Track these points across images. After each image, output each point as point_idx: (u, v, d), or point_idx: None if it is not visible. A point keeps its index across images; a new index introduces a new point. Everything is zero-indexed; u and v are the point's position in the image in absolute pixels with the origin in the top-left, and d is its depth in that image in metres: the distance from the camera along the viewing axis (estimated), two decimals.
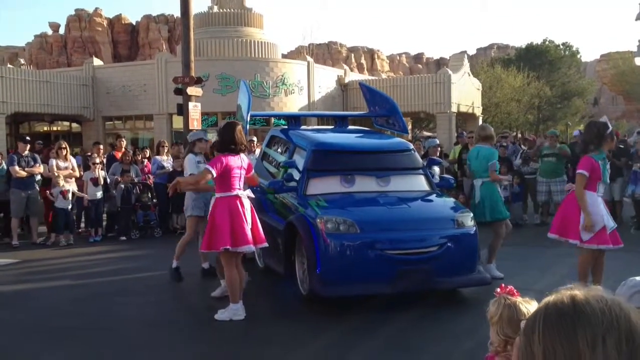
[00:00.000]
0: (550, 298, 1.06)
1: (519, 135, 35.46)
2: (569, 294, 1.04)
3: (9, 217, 10.99)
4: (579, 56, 50.10)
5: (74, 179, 11.20)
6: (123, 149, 12.49)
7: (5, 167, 10.93)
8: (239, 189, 5.98)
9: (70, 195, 10.72)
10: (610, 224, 6.00)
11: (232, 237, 5.79)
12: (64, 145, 11.34)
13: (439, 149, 11.59)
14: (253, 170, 6.48)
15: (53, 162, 11.02)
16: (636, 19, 25.75)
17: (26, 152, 10.89)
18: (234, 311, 5.88)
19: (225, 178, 5.83)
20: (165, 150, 12.32)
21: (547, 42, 47.11)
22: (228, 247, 5.79)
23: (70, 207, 10.81)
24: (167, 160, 12.04)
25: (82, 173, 11.52)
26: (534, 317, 1.04)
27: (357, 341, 5.29)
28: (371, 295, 6.21)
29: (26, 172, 10.64)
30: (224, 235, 5.77)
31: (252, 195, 6.38)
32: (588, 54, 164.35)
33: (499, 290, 2.10)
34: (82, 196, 11.02)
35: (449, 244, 6.22)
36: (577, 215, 5.93)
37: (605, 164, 6.04)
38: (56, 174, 10.79)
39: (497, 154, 8.12)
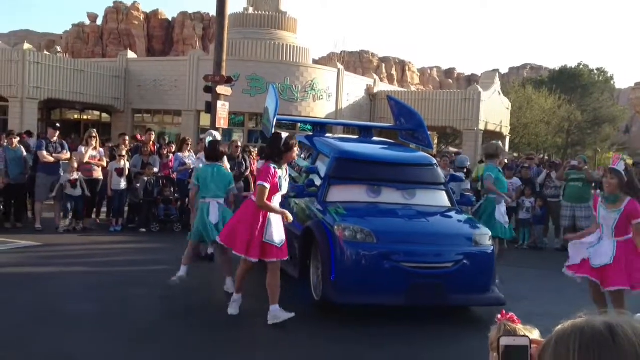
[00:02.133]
0: (581, 323, 1.03)
1: (546, 157, 35.09)
2: (603, 322, 1.02)
3: (19, 201, 11.17)
4: (612, 82, 49.50)
5: (100, 168, 11.38)
6: (151, 142, 12.65)
7: (23, 151, 11.05)
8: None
9: (78, 184, 10.81)
10: (603, 260, 5.63)
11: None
12: (94, 134, 11.51)
13: (465, 170, 11.51)
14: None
15: (82, 149, 11.22)
16: None
17: (55, 138, 11.09)
18: (274, 313, 5.78)
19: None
20: (188, 147, 12.45)
21: (581, 66, 46.67)
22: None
23: (80, 194, 10.87)
24: (188, 157, 12.17)
25: (108, 161, 11.68)
26: (566, 343, 1.02)
27: (364, 350, 5.30)
28: (384, 305, 6.21)
29: (54, 157, 10.84)
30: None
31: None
32: (623, 81, 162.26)
33: (499, 316, 2.11)
34: (83, 188, 10.97)
35: (464, 261, 6.20)
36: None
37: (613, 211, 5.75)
38: (85, 161, 10.98)
39: (494, 169, 8.09)
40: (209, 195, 7.11)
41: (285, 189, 5.94)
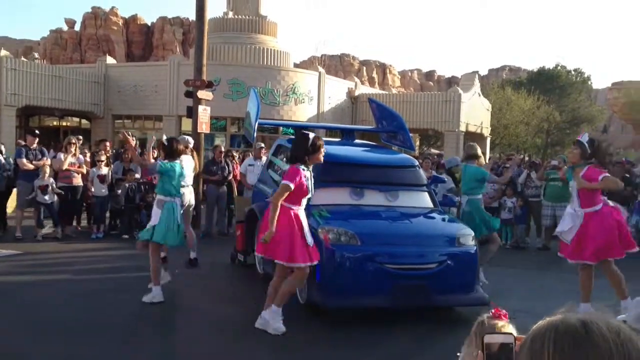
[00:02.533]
0: (556, 320, 1.05)
1: (526, 157, 35.46)
2: (578, 319, 1.03)
3: None
4: (590, 83, 50.17)
5: (80, 175, 11.27)
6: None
7: (1, 159, 10.90)
8: None
9: (49, 189, 10.70)
10: (562, 228, 6.48)
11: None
12: (73, 141, 11.40)
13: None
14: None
15: (61, 156, 11.11)
16: None
17: (34, 145, 10.97)
18: (274, 314, 5.69)
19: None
20: None
21: (559, 67, 47.26)
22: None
23: (50, 201, 10.75)
24: None
25: (89, 169, 11.57)
26: (541, 339, 1.03)
27: (350, 353, 5.31)
28: (368, 307, 6.23)
29: (34, 165, 10.73)
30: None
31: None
32: (600, 82, 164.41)
33: (493, 311, 2.15)
34: (58, 192, 10.86)
35: (448, 262, 6.25)
36: None
37: (569, 174, 6.47)
38: (64, 168, 10.87)
39: (474, 168, 8.20)
40: (177, 195, 6.90)
41: (312, 191, 5.76)
